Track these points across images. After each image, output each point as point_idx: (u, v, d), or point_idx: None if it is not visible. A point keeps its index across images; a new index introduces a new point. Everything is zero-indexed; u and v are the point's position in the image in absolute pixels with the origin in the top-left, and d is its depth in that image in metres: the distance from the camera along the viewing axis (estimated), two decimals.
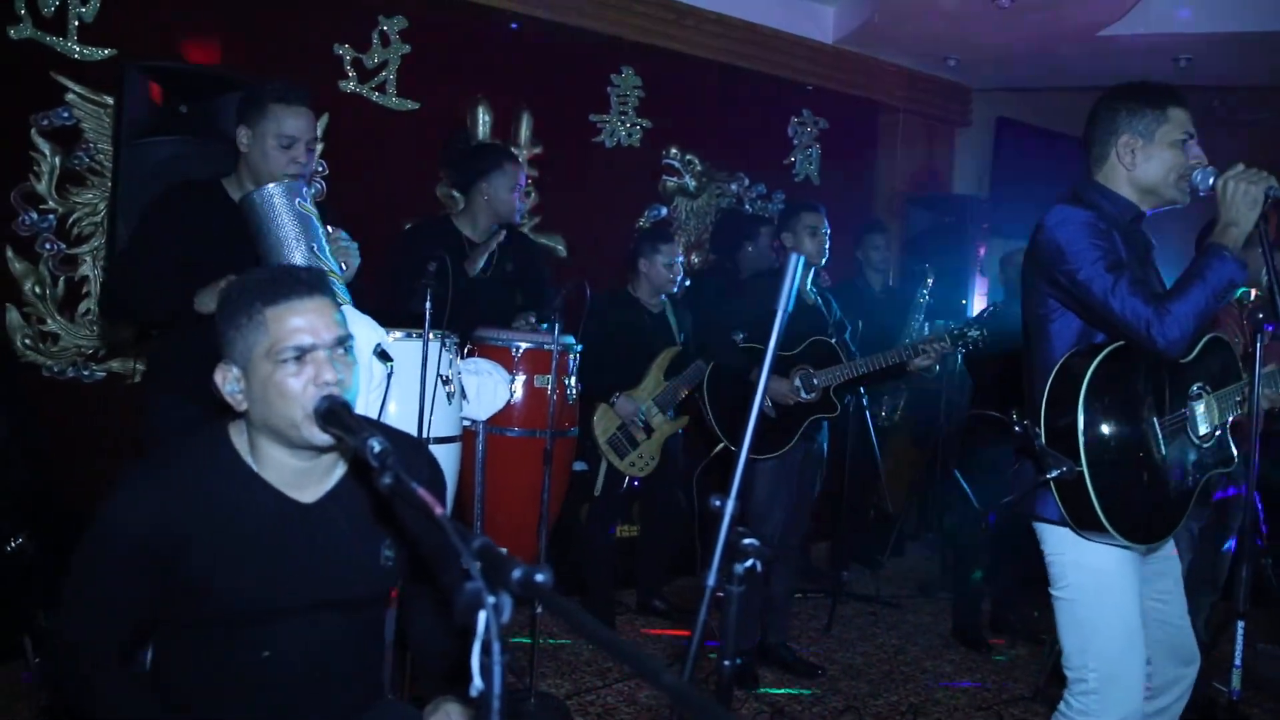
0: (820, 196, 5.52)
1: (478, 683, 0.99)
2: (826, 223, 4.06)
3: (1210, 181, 2.28)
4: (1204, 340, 2.37)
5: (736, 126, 6.18)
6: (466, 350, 3.65)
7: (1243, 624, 2.47)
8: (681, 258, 4.68)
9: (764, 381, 1.37)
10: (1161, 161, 2.33)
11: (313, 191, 2.71)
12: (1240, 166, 2.24)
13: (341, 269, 2.73)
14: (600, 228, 5.61)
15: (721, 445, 4.07)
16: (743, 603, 1.32)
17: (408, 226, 4.50)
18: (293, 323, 1.66)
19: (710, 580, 1.31)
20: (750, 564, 1.30)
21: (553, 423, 3.53)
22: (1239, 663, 2.50)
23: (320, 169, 4.65)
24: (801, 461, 4.02)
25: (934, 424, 5.66)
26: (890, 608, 5.15)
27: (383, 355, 2.69)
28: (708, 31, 5.65)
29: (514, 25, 5.21)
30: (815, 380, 3.95)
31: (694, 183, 6.04)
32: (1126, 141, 2.35)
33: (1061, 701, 2.35)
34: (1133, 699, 2.26)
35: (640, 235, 4.91)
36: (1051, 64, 6.25)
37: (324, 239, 2.61)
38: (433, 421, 3.05)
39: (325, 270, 2.53)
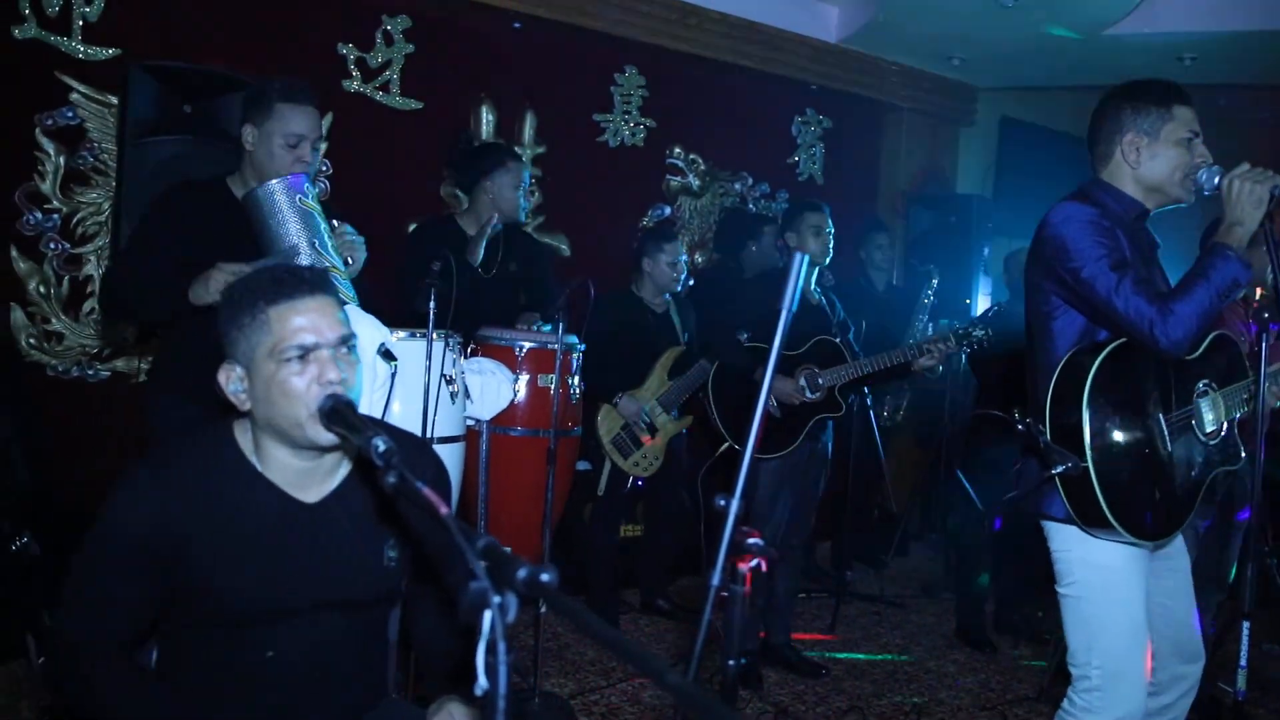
0: (824, 196, 5.52)
1: (482, 682, 0.99)
2: (831, 222, 4.06)
3: (1215, 180, 2.28)
4: (1210, 337, 2.36)
5: (740, 126, 6.17)
6: (470, 350, 3.65)
7: (1248, 624, 2.47)
8: (685, 256, 4.68)
9: (769, 381, 1.37)
10: (1167, 160, 2.33)
11: (316, 191, 2.71)
12: (1245, 166, 2.24)
13: (347, 264, 2.73)
14: (604, 227, 5.61)
15: (726, 444, 4.07)
16: (747, 602, 1.31)
17: (413, 227, 4.50)
18: (296, 322, 1.66)
19: (714, 580, 1.31)
20: (754, 564, 1.30)
21: (556, 422, 3.52)
22: (1244, 663, 2.49)
23: (324, 168, 4.65)
24: (806, 461, 4.02)
25: (938, 424, 5.66)
26: (894, 607, 5.14)
27: (387, 355, 2.69)
28: (711, 31, 5.64)
29: (517, 25, 5.20)
30: (820, 380, 3.95)
31: (698, 182, 6.04)
32: (1132, 140, 2.34)
33: (1065, 699, 2.35)
34: (1136, 696, 2.26)
35: (643, 234, 4.91)
36: (1055, 63, 6.24)
37: (326, 234, 2.61)
38: (436, 421, 3.05)
39: (328, 268, 2.54)
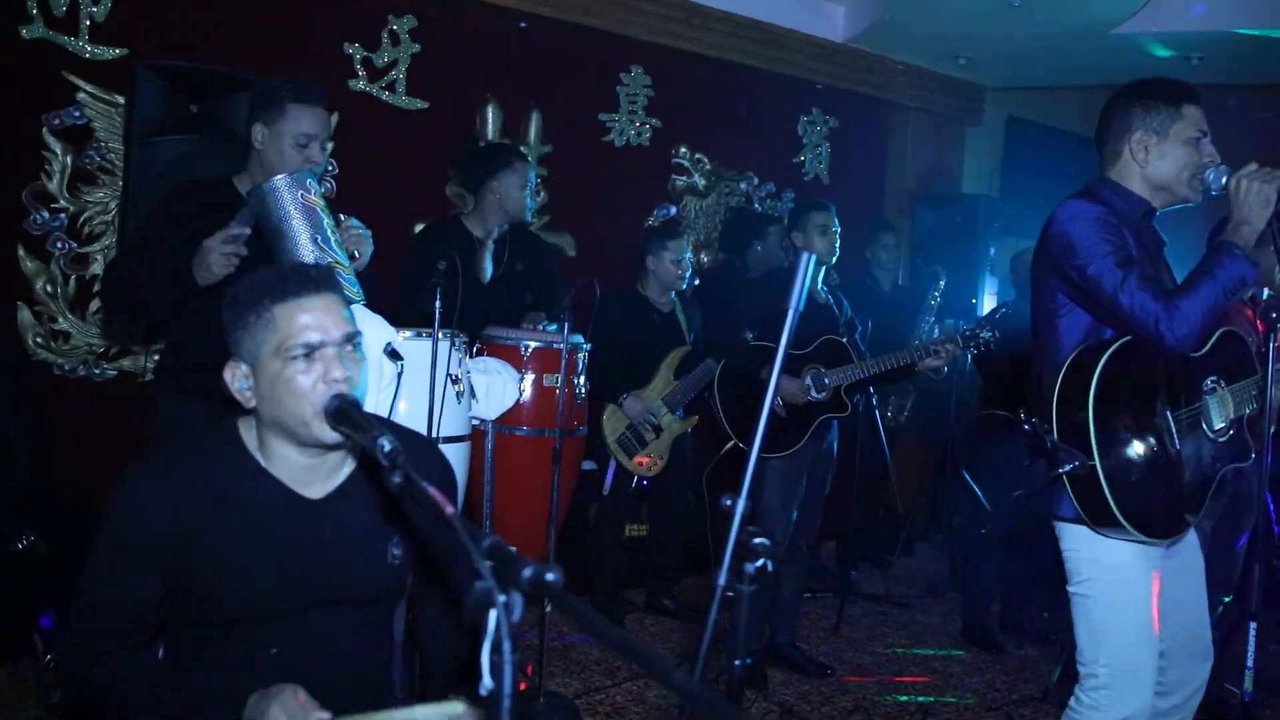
0: (830, 195, 5.52)
1: (487, 681, 0.98)
2: (837, 221, 4.06)
3: (1223, 180, 2.28)
4: (1216, 334, 2.36)
5: (746, 125, 6.17)
6: (476, 349, 3.65)
7: (1255, 625, 2.46)
8: (690, 254, 4.67)
9: (775, 380, 1.37)
10: (1175, 159, 2.32)
11: (323, 189, 2.71)
12: (1253, 165, 2.24)
13: (354, 257, 2.73)
14: (609, 227, 5.60)
15: (731, 444, 4.06)
16: (753, 602, 1.31)
17: (419, 228, 4.50)
18: (301, 320, 1.66)
19: (721, 580, 1.31)
20: (761, 563, 1.30)
21: (562, 422, 3.52)
22: (1251, 664, 2.49)
23: (330, 168, 4.65)
24: (812, 461, 4.01)
25: (943, 423, 5.65)
26: (899, 607, 5.14)
27: (393, 354, 2.69)
28: (717, 30, 5.64)
29: (523, 24, 5.20)
30: (826, 380, 3.94)
31: (703, 182, 6.04)
32: (1140, 138, 2.34)
33: (1072, 697, 2.35)
34: (1143, 695, 2.25)
35: (647, 233, 4.90)
36: (1062, 62, 6.22)
37: (330, 230, 2.61)
38: (442, 421, 3.05)
39: (333, 266, 2.53)
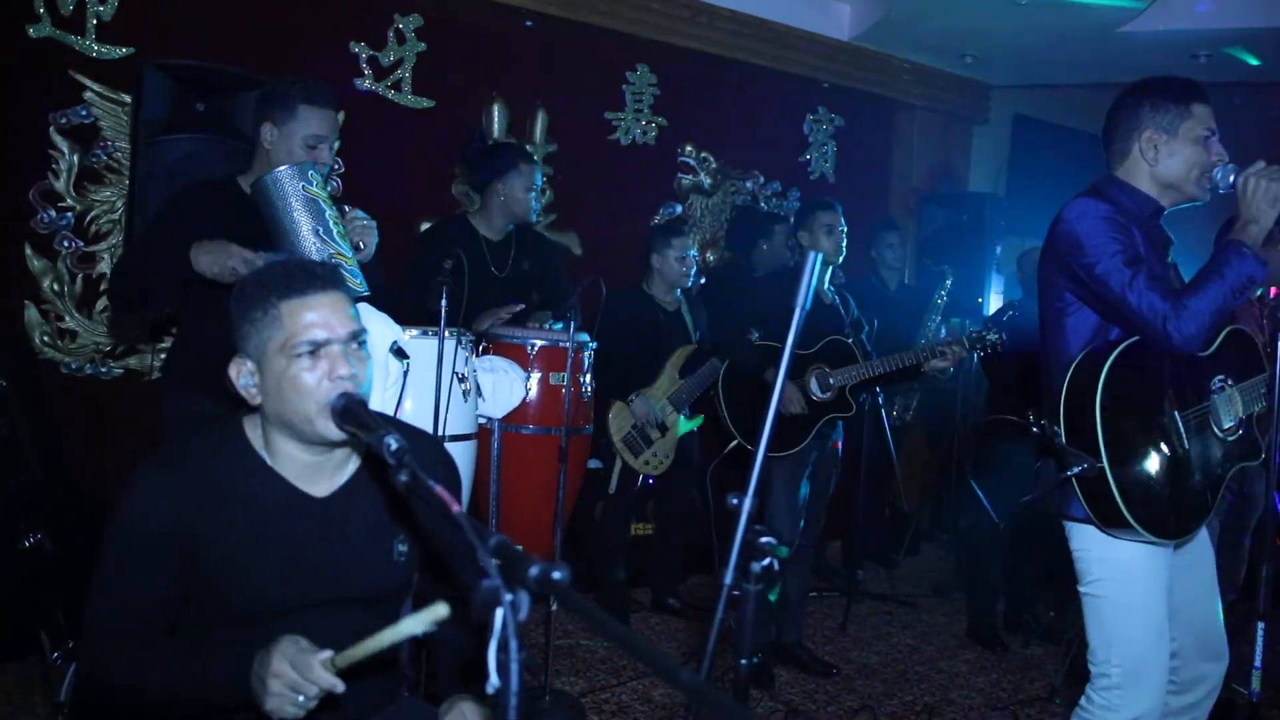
0: (836, 194, 5.51)
1: (494, 680, 0.98)
2: (843, 220, 4.05)
3: (1231, 179, 2.27)
4: (1224, 333, 2.35)
5: (752, 124, 6.16)
6: (482, 348, 3.66)
7: (1263, 625, 2.46)
8: (694, 251, 4.66)
9: (781, 379, 1.36)
10: (1184, 157, 2.32)
11: (332, 187, 2.71)
12: (1261, 164, 2.23)
13: (359, 249, 2.73)
14: (615, 226, 5.60)
15: (735, 443, 4.06)
16: (759, 601, 1.31)
17: (425, 227, 4.50)
18: (307, 317, 1.66)
19: (727, 579, 1.30)
20: (767, 562, 1.30)
21: (568, 420, 3.52)
22: (1259, 664, 2.48)
23: (336, 167, 4.65)
24: (817, 461, 4.01)
25: (949, 423, 5.64)
26: (905, 607, 5.13)
27: (399, 353, 2.70)
28: (723, 29, 5.63)
29: (529, 23, 5.21)
30: (832, 380, 3.94)
31: (709, 180, 6.03)
32: (1149, 137, 2.33)
33: (1083, 697, 2.34)
34: (1155, 695, 2.24)
35: (652, 231, 4.89)
36: (1069, 61, 6.21)
37: (333, 222, 2.61)
38: (448, 419, 3.06)
39: (337, 259, 2.54)
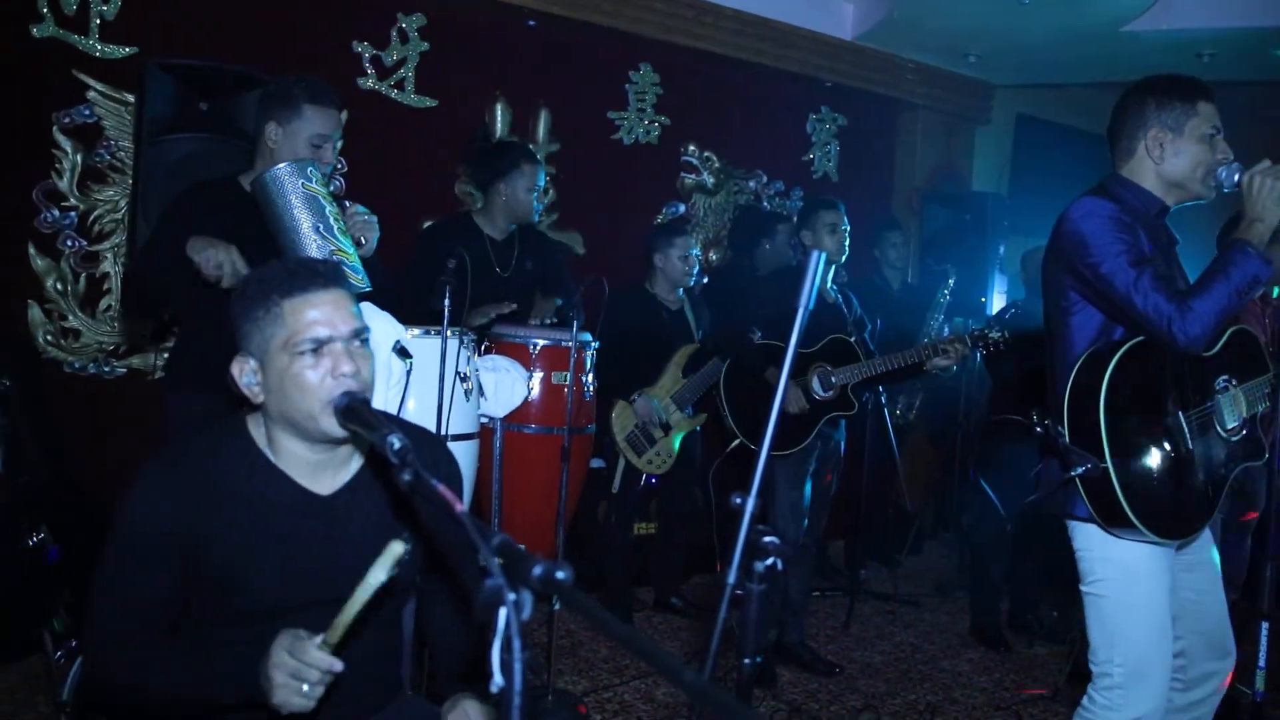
0: (838, 193, 5.49)
1: (498, 679, 0.98)
2: (846, 219, 4.05)
3: (1236, 178, 2.28)
4: (1228, 333, 2.35)
5: (755, 123, 6.16)
6: (485, 347, 3.66)
7: (1267, 625, 2.46)
8: (697, 250, 4.66)
9: (785, 378, 1.36)
10: (1190, 156, 2.32)
11: (333, 186, 2.71)
12: (1266, 163, 2.24)
13: (361, 244, 2.73)
14: (618, 225, 5.60)
15: (737, 442, 4.06)
16: (763, 601, 1.31)
17: (427, 225, 4.50)
18: (310, 315, 1.66)
19: (731, 578, 1.30)
20: (770, 562, 1.29)
21: (570, 420, 3.52)
22: (1263, 664, 2.48)
23: (339, 166, 4.66)
24: (819, 460, 4.01)
25: (952, 422, 5.64)
26: (908, 606, 5.13)
27: (402, 352, 2.69)
28: (726, 28, 5.63)
29: (532, 22, 5.21)
30: (834, 378, 3.94)
31: (712, 180, 6.03)
32: (1155, 135, 2.33)
33: (1085, 696, 2.34)
34: (1157, 695, 2.24)
35: (654, 230, 4.89)
36: (1072, 60, 6.20)
37: (334, 218, 2.61)
38: (451, 418, 3.06)
39: (338, 255, 2.54)
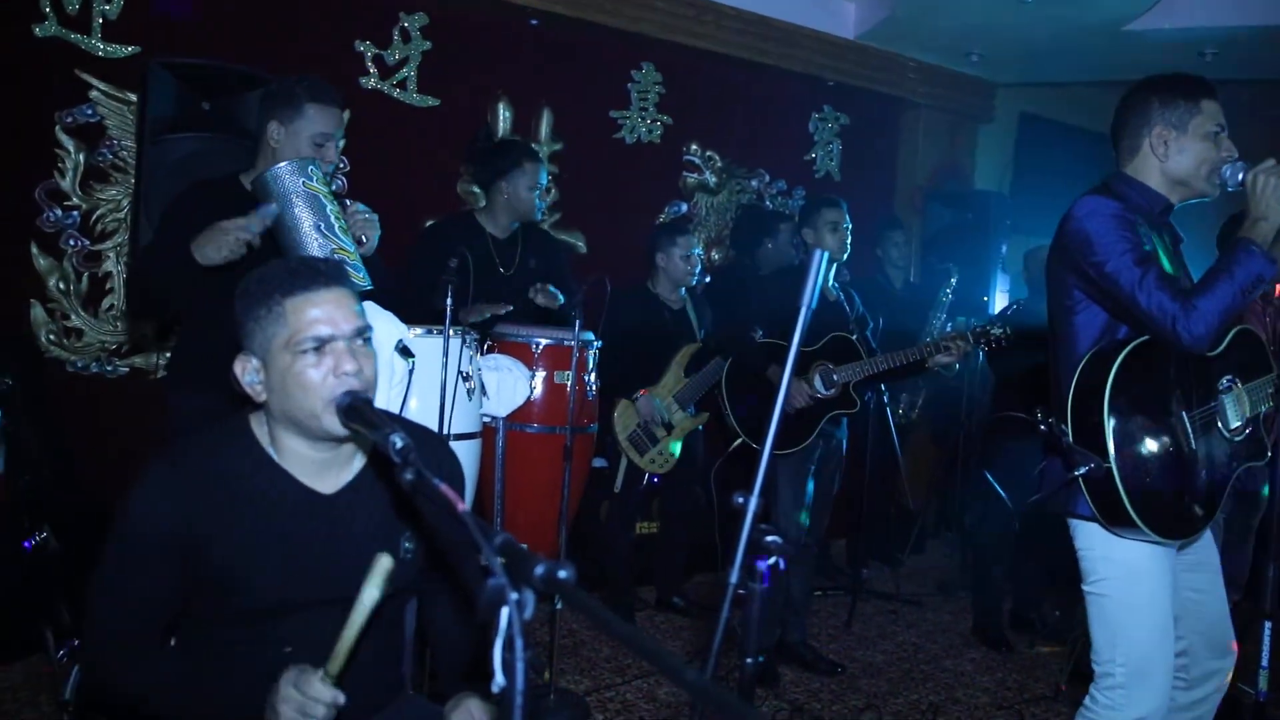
0: (841, 192, 5.50)
1: (500, 679, 0.98)
2: (848, 218, 4.05)
3: (1240, 176, 2.28)
4: (1232, 332, 2.35)
5: (757, 122, 6.15)
6: (487, 346, 3.65)
7: (1270, 624, 2.45)
8: (699, 249, 4.66)
9: (787, 377, 1.36)
10: (1194, 154, 2.32)
11: (335, 185, 2.70)
12: (1271, 161, 2.24)
13: (362, 242, 2.73)
14: (620, 224, 5.59)
15: (739, 441, 4.06)
16: (765, 600, 1.30)
17: (430, 223, 4.50)
18: (312, 314, 1.66)
19: (733, 577, 1.30)
20: (773, 561, 1.29)
21: (572, 419, 3.52)
22: (1265, 664, 2.47)
23: (341, 165, 4.65)
24: (821, 458, 4.00)
25: (955, 421, 5.64)
26: (910, 605, 5.12)
27: (404, 351, 2.69)
28: (728, 27, 5.62)
29: (534, 22, 5.20)
30: (835, 376, 3.93)
31: (714, 179, 6.02)
32: (1160, 133, 2.33)
33: (1087, 696, 2.33)
34: (1159, 694, 2.24)
35: (656, 229, 4.89)
36: (1075, 59, 6.19)
37: (334, 217, 2.61)
38: (453, 418, 3.06)
39: (340, 254, 2.54)
